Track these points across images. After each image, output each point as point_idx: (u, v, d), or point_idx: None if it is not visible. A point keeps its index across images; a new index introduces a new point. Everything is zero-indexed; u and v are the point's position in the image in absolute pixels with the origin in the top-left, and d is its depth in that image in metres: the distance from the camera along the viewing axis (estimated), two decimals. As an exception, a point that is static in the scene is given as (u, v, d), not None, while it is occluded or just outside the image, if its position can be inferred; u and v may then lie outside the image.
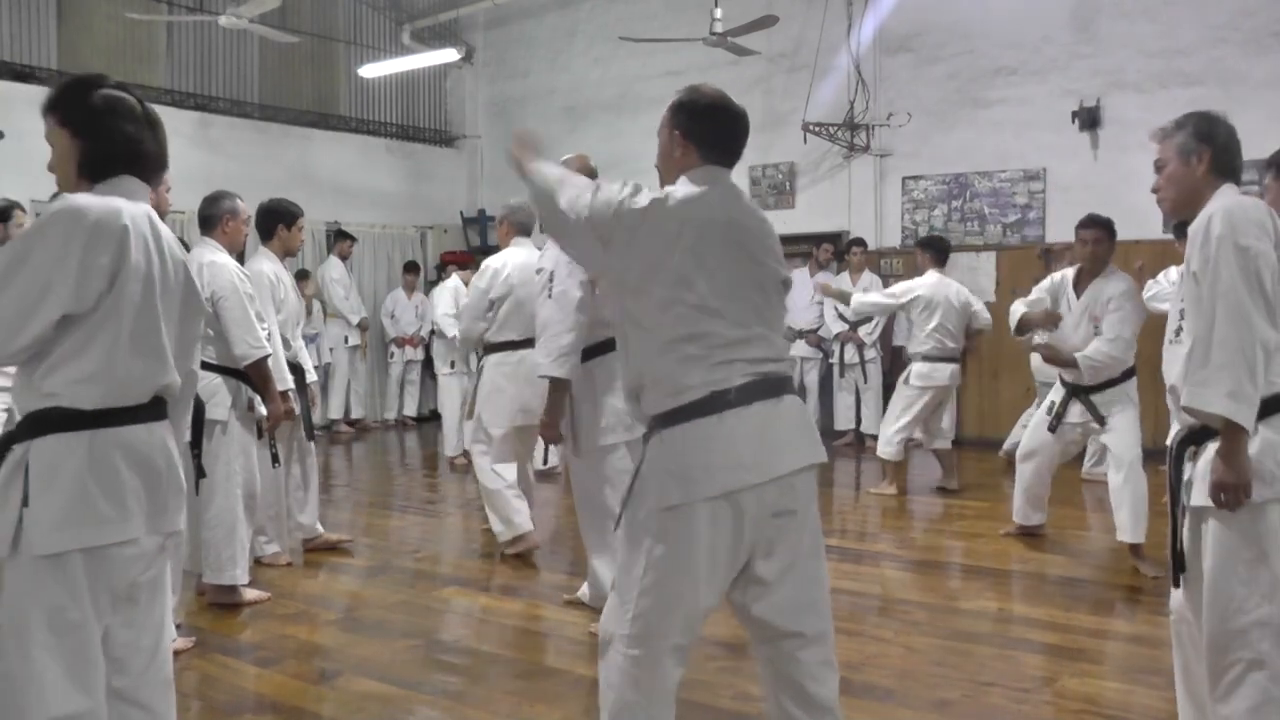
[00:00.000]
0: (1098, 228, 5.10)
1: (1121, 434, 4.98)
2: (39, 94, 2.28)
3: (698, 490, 2.21)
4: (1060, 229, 5.36)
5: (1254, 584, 2.35)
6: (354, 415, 10.70)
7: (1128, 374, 5.03)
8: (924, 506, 6.77)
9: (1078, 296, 5.10)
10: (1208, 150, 2.55)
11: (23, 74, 9.02)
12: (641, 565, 2.27)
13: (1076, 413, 5.10)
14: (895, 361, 9.40)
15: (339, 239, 10.37)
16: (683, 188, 2.38)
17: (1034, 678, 3.62)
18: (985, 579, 4.96)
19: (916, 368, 6.78)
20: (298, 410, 5.00)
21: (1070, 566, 5.04)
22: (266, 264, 4.93)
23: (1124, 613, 4.28)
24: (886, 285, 9.28)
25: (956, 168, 9.37)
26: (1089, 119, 8.57)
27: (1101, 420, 5.01)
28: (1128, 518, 4.87)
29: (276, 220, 5.02)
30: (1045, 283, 5.41)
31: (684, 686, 3.52)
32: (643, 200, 2.29)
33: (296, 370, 5.02)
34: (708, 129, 2.43)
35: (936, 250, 6.99)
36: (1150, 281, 5.78)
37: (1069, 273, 5.26)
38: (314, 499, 5.50)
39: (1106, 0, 8.60)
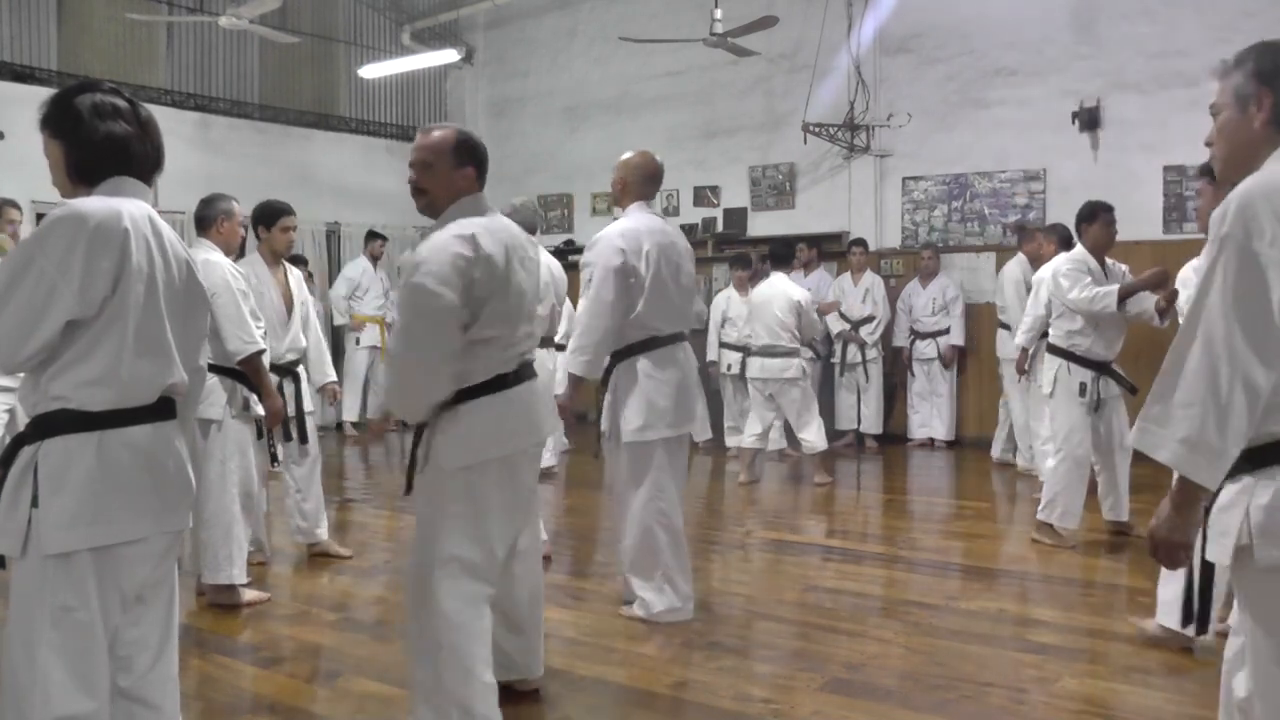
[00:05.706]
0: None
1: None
2: (39, 94, 2.29)
3: (486, 454, 2.86)
4: (1061, 230, 5.40)
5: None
6: (371, 416, 10.29)
7: None
8: (924, 506, 6.77)
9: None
10: (1269, 95, 1.94)
11: (23, 74, 9.03)
12: (446, 513, 2.86)
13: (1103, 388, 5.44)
14: (896, 361, 9.42)
15: (369, 239, 10.36)
16: (475, 226, 2.82)
17: (1034, 678, 3.61)
18: (985, 579, 4.95)
19: (765, 363, 7.25)
20: (290, 412, 4.98)
21: (1070, 567, 5.04)
22: (244, 267, 4.85)
23: (1124, 613, 4.28)
24: (888, 285, 9.34)
25: (956, 168, 9.36)
26: (1089, 119, 8.56)
27: (1133, 389, 5.33)
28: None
29: (256, 222, 5.03)
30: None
31: (684, 687, 3.54)
32: (470, 250, 2.76)
33: (287, 372, 5.02)
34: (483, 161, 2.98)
35: (773, 256, 7.62)
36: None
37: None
38: (316, 502, 5.34)
39: (1107, 1, 8.59)
